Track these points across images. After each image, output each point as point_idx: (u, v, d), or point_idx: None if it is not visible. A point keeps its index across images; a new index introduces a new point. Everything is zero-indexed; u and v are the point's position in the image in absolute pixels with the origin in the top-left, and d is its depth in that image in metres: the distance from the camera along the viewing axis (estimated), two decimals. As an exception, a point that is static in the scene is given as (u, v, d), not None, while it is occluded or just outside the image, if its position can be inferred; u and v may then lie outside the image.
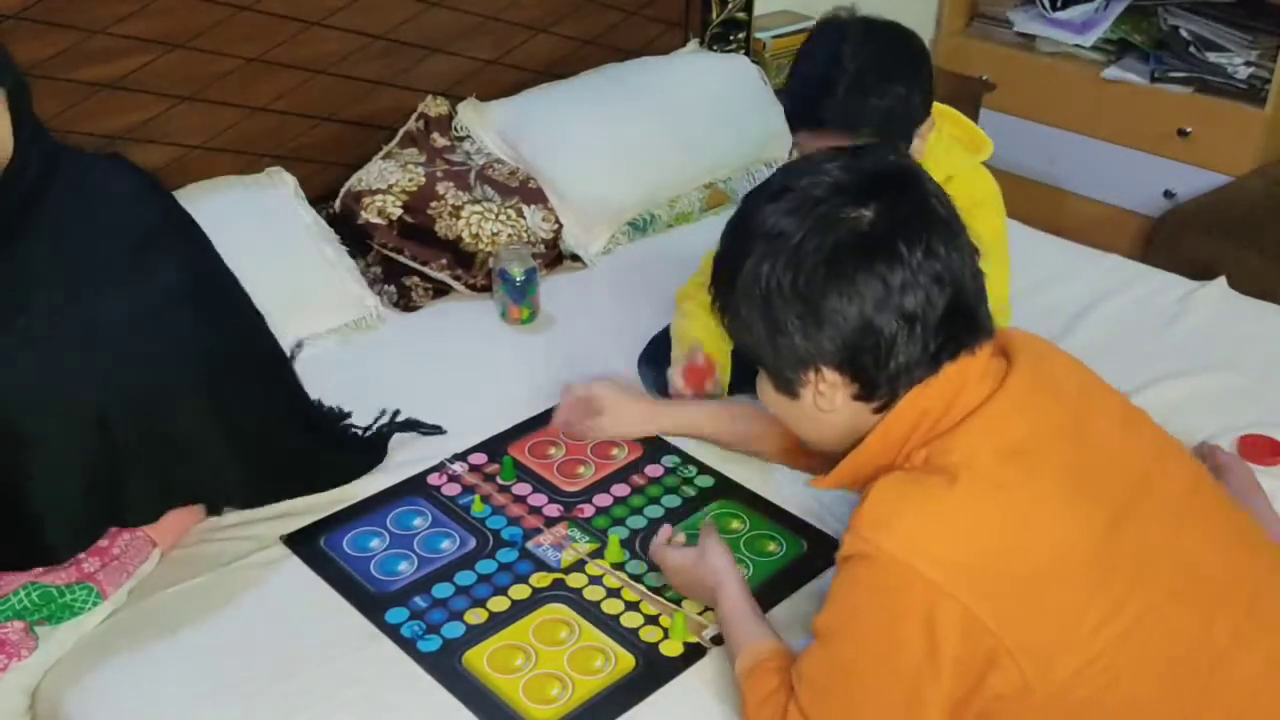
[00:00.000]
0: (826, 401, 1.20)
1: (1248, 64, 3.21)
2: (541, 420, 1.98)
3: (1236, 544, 1.24)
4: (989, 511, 1.11)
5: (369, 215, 2.35)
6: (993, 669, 1.10)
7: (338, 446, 1.87)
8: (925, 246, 1.12)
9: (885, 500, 1.14)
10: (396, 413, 1.95)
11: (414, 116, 2.57)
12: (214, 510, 1.75)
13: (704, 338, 1.92)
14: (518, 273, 2.25)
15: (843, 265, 1.11)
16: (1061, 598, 1.11)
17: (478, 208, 2.38)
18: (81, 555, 1.56)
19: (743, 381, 1.92)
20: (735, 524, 1.75)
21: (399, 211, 2.35)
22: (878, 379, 1.16)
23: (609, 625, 1.57)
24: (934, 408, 1.16)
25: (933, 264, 1.12)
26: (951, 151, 1.88)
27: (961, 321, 1.16)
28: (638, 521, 1.76)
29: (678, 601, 1.60)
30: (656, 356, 2.03)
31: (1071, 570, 1.11)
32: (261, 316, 1.80)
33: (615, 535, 1.71)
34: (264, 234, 2.18)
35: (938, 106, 1.90)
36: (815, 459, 1.43)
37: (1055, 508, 1.13)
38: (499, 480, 1.84)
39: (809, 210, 1.12)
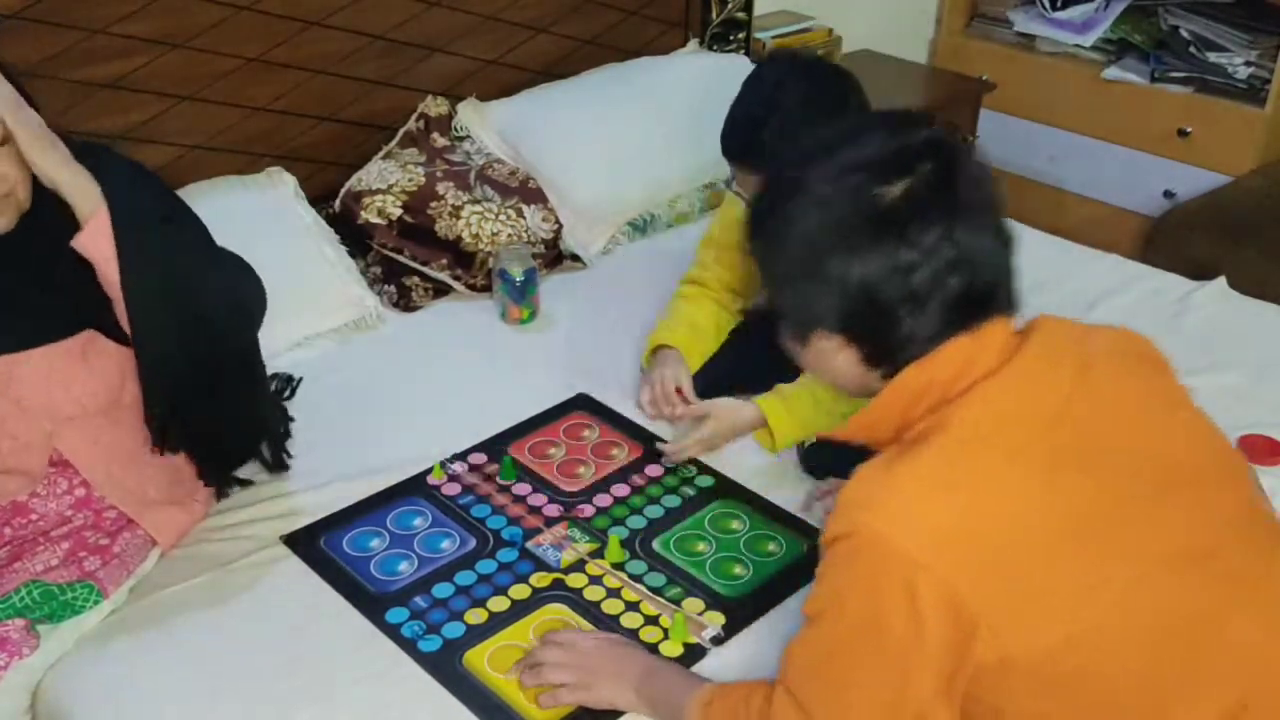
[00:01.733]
0: (829, 359, 1.23)
1: (1248, 64, 3.21)
2: (541, 420, 1.98)
3: (1232, 516, 1.23)
4: (962, 470, 1.13)
5: (369, 215, 2.35)
6: (974, 639, 1.10)
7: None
8: (943, 231, 1.14)
9: (867, 481, 1.16)
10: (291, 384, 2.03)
11: (414, 116, 2.57)
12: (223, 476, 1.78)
13: (682, 332, 2.00)
14: (518, 273, 2.25)
15: (855, 237, 1.14)
16: (1039, 563, 1.11)
17: (478, 208, 2.38)
18: (84, 553, 1.57)
19: (724, 380, 1.96)
20: (735, 524, 1.75)
21: (399, 211, 2.35)
22: (878, 350, 1.20)
23: (609, 625, 1.57)
24: (937, 380, 1.18)
25: (948, 249, 1.14)
26: None
27: (975, 304, 1.17)
28: (638, 522, 1.76)
29: (678, 602, 1.60)
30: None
31: (1049, 536, 1.12)
32: None
33: (615, 535, 1.71)
34: (264, 234, 2.17)
35: None
36: None
37: (1032, 473, 1.14)
38: (499, 480, 1.84)
39: (841, 179, 1.16)
